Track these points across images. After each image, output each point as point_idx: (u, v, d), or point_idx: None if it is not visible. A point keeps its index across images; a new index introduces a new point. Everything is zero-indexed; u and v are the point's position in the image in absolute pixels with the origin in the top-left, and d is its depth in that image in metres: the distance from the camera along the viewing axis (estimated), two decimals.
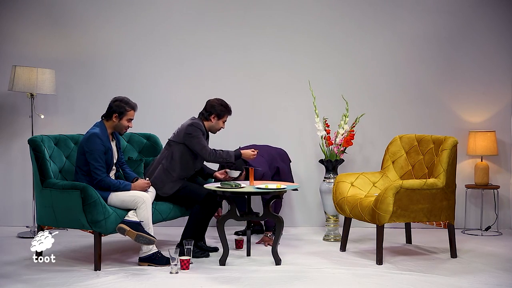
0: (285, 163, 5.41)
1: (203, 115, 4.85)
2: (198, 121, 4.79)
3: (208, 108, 4.84)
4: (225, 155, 4.71)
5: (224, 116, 4.85)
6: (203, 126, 4.79)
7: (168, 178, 4.73)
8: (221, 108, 4.82)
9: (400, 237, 5.34)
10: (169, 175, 4.73)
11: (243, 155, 4.79)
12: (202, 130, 4.75)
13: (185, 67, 6.02)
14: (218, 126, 4.86)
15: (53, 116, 5.97)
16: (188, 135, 4.71)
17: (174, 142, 4.79)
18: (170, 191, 4.73)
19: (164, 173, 4.73)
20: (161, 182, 4.72)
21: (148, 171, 4.84)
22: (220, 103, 4.83)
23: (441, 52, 5.97)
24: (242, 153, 4.78)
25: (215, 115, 4.82)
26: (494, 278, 4.19)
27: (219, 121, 4.84)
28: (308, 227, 5.92)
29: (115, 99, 4.56)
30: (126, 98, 4.57)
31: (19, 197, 5.94)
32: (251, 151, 4.81)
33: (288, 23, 6.00)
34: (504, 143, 5.95)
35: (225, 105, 4.85)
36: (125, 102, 4.53)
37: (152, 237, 4.36)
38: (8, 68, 5.64)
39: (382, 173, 5.13)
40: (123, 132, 4.59)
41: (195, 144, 4.70)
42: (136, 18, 6.00)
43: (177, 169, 4.74)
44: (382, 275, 4.24)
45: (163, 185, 4.72)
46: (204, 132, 4.77)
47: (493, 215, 5.89)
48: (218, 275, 4.22)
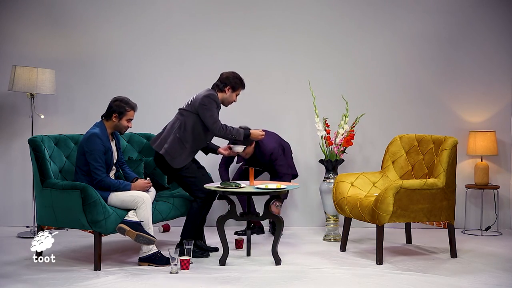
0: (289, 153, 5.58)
1: (217, 87, 4.77)
2: (214, 93, 4.71)
3: (223, 79, 4.77)
4: (235, 132, 4.67)
5: (238, 89, 4.79)
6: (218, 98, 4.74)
7: (182, 149, 4.65)
8: (236, 80, 4.77)
9: (400, 237, 5.34)
10: (182, 145, 4.65)
11: (252, 135, 4.77)
12: (217, 103, 4.68)
13: (185, 67, 6.03)
14: (231, 99, 4.79)
15: (53, 116, 5.97)
16: (202, 106, 4.63)
17: (187, 112, 4.69)
18: (182, 164, 4.64)
19: (178, 143, 4.65)
20: (175, 152, 4.64)
21: (156, 141, 4.72)
22: (235, 76, 4.78)
23: (441, 52, 5.98)
24: (251, 133, 4.77)
25: (230, 87, 4.75)
26: (494, 278, 4.19)
27: (233, 93, 4.77)
28: (308, 227, 5.92)
29: (115, 99, 4.56)
30: (126, 98, 4.57)
31: (19, 197, 5.95)
32: (259, 132, 4.81)
33: (288, 23, 6.00)
34: (504, 143, 5.95)
35: (240, 78, 4.79)
36: (125, 102, 4.53)
37: (152, 237, 4.36)
38: (8, 68, 5.65)
39: (382, 173, 5.13)
40: (123, 132, 4.59)
41: (208, 116, 4.62)
42: (136, 18, 6.00)
43: (189, 140, 4.67)
44: (382, 275, 4.24)
45: (177, 156, 4.64)
46: (219, 105, 4.71)
47: (493, 215, 5.89)
48: (218, 275, 4.22)
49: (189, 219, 4.67)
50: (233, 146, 4.85)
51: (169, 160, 4.63)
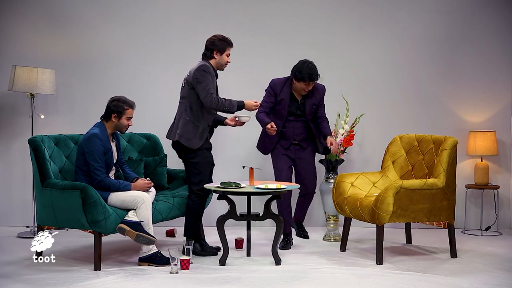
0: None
1: (205, 56, 4.75)
2: (205, 63, 4.66)
3: (208, 46, 4.74)
4: (227, 104, 4.61)
5: (225, 49, 4.73)
6: (211, 66, 4.71)
7: (195, 129, 4.66)
8: (221, 42, 4.72)
9: (400, 237, 5.34)
10: (194, 125, 4.66)
11: (246, 105, 4.69)
12: (210, 73, 4.64)
13: (185, 67, 5.98)
14: (224, 61, 4.75)
15: (53, 116, 5.97)
16: (195, 79, 4.61)
17: (187, 91, 4.69)
18: (199, 143, 4.66)
19: (190, 125, 4.66)
20: (189, 133, 4.65)
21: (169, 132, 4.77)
22: (218, 38, 4.73)
23: (441, 52, 5.98)
24: (245, 103, 4.68)
25: (216, 51, 4.72)
26: (494, 278, 4.19)
27: (222, 55, 4.73)
28: (308, 227, 5.90)
29: (112, 99, 4.56)
30: (123, 97, 4.56)
31: (19, 197, 5.95)
32: (253, 102, 4.72)
33: (288, 23, 6.00)
34: (504, 143, 5.95)
35: (224, 38, 4.75)
36: (122, 101, 4.53)
37: (152, 237, 4.36)
38: (8, 68, 5.64)
39: (382, 173, 5.13)
40: (123, 131, 4.59)
41: (200, 90, 4.59)
42: (136, 19, 6.00)
43: (199, 117, 4.68)
44: (382, 275, 4.23)
45: (192, 136, 4.65)
46: (212, 74, 4.68)
47: (493, 215, 5.89)
48: (218, 275, 4.22)
49: (187, 216, 4.72)
50: (240, 116, 4.79)
51: (186, 143, 4.65)
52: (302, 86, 4.95)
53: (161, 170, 5.16)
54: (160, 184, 5.09)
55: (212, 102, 4.57)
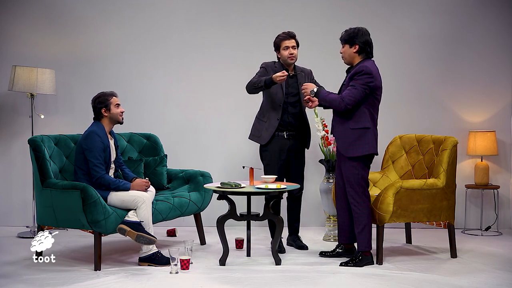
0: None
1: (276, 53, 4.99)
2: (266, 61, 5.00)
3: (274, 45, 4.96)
4: (256, 81, 4.83)
5: (280, 44, 4.90)
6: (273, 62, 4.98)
7: (261, 125, 4.93)
8: (275, 40, 4.93)
9: (400, 237, 5.34)
10: (261, 121, 4.94)
11: (273, 78, 4.75)
12: (265, 67, 4.94)
13: (185, 66, 6.03)
14: (285, 56, 4.90)
15: (53, 116, 5.97)
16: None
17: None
18: (267, 138, 4.88)
19: (257, 122, 4.97)
20: (256, 130, 4.96)
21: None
22: (277, 36, 4.93)
23: (441, 52, 5.98)
24: (272, 77, 4.76)
25: (276, 49, 4.95)
26: (494, 278, 4.19)
27: (281, 51, 4.91)
28: (308, 227, 5.91)
29: (93, 99, 4.60)
30: (101, 92, 4.62)
31: (19, 197, 5.95)
32: (281, 73, 4.74)
33: (288, 22, 5.98)
34: (504, 143, 5.95)
35: (277, 36, 4.94)
36: (103, 94, 4.58)
37: (152, 237, 4.36)
38: (8, 68, 5.64)
39: (382, 173, 5.13)
40: (120, 119, 4.59)
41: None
42: (135, 18, 6.00)
43: (265, 113, 4.94)
44: (382, 275, 4.23)
45: (258, 133, 4.95)
46: (267, 68, 4.93)
47: (493, 215, 5.90)
48: (218, 275, 4.22)
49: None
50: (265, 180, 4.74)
51: (257, 140, 4.96)
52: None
53: (161, 170, 5.16)
54: (160, 184, 5.09)
55: (247, 86, 4.89)
